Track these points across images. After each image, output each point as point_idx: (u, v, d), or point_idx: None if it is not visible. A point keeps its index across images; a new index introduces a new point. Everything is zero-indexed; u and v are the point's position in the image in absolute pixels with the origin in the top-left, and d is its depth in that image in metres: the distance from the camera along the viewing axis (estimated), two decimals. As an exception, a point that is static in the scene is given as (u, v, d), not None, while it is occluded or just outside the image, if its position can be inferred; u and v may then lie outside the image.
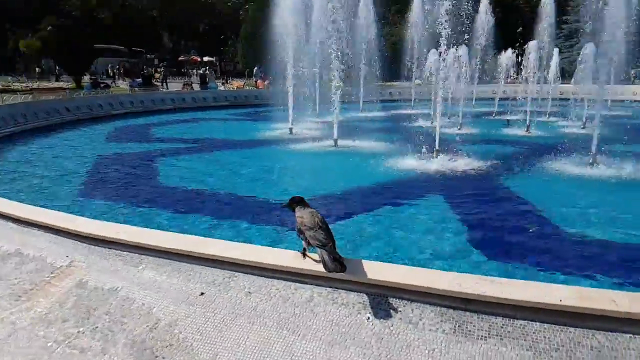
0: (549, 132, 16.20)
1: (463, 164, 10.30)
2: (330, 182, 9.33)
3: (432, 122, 17.99)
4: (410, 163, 10.55)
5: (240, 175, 10.05)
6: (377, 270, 3.21)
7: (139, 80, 35.50)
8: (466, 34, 12.29)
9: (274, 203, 7.62)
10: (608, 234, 6.13)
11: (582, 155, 10.35)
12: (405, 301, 3.08)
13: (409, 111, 24.42)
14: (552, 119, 19.34)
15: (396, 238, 5.97)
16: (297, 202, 3.55)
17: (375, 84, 28.18)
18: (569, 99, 22.63)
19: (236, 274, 3.55)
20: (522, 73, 22.03)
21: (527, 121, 16.17)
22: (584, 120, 16.78)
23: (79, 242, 4.16)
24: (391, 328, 2.93)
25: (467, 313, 2.95)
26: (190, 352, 2.97)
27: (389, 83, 34.33)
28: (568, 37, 40.06)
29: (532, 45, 20.44)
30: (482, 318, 2.91)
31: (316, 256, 3.44)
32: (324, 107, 20.94)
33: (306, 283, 3.36)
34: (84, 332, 3.24)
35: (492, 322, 2.87)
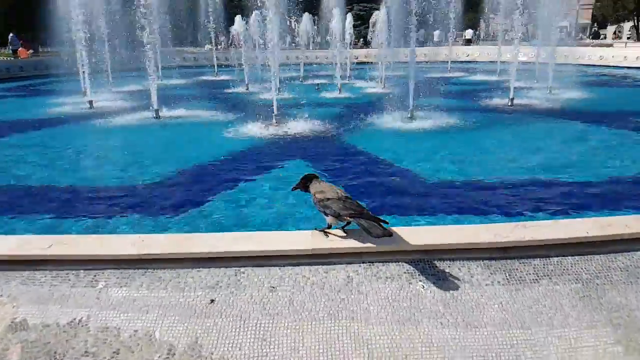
0: (357, 93, 17.52)
1: (303, 126, 10.44)
2: (171, 160, 8.19)
3: (247, 88, 18.24)
4: (252, 130, 10.22)
5: (54, 163, 8.10)
6: (409, 235, 3.01)
7: None
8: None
9: (114, 191, 6.53)
10: (455, 174, 6.92)
11: (400, 111, 11.45)
12: (448, 261, 2.97)
13: (215, 77, 23.87)
14: (353, 81, 20.86)
15: (271, 209, 5.56)
16: (311, 179, 3.11)
17: (170, 48, 26.61)
18: (363, 63, 25.25)
19: (242, 269, 2.94)
20: (330, 39, 23.40)
21: (338, 84, 17.26)
22: (382, 81, 18.47)
23: (-17, 270, 2.92)
24: (451, 292, 2.78)
25: (509, 261, 2.98)
26: (243, 372, 2.35)
27: (179, 48, 32.51)
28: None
29: (334, 12, 21.79)
30: (523, 262, 2.98)
31: (339, 232, 3.07)
32: (117, 75, 19.00)
33: (334, 263, 2.96)
34: (68, 388, 2.29)
35: (534, 265, 2.96)
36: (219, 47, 28.56)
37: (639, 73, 21.54)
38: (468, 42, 38.30)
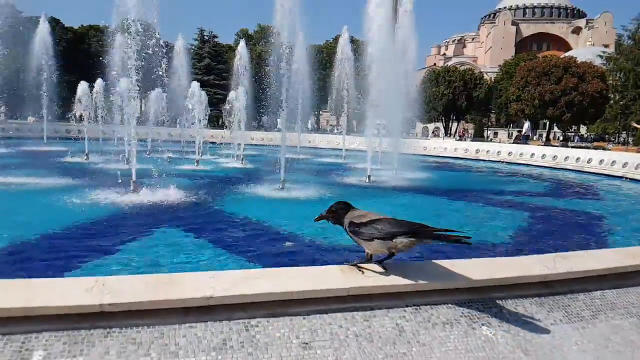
0: (216, 167, 17.69)
1: (170, 195, 9.60)
2: (18, 230, 6.43)
3: (87, 158, 17.71)
4: (113, 198, 9.00)
5: None
6: (451, 270, 2.48)
7: None
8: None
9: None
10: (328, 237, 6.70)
11: (269, 183, 11.50)
12: (501, 300, 2.48)
13: (45, 148, 22.83)
14: (208, 157, 21.06)
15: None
16: (344, 208, 2.47)
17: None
18: (214, 143, 27.00)
19: (253, 321, 2.08)
20: (180, 117, 23.84)
21: (196, 158, 17.62)
22: (241, 158, 19.03)
23: None
24: (522, 335, 2.29)
25: (557, 297, 2.61)
26: None
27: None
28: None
29: (194, 85, 22.15)
30: (571, 298, 2.64)
31: (376, 267, 2.42)
32: None
33: (373, 308, 2.27)
34: None
35: (582, 300, 2.64)
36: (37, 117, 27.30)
37: (456, 160, 25.82)
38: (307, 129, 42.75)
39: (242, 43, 29.65)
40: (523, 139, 31.97)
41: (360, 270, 2.37)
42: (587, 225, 8.69)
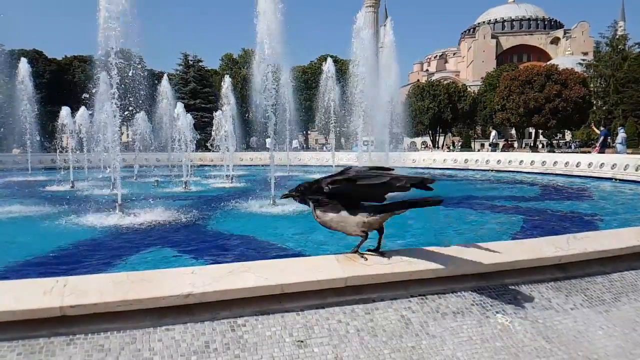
0: (206, 187, 17.55)
1: (158, 216, 9.39)
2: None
3: (72, 186, 17.21)
4: (97, 222, 8.71)
5: None
6: (456, 257, 2.25)
7: None
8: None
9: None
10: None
11: (259, 199, 11.33)
12: (514, 286, 2.26)
13: (30, 178, 22.34)
14: (196, 179, 20.91)
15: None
16: (310, 186, 2.28)
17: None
18: (203, 166, 26.91)
19: (239, 320, 1.83)
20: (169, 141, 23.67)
21: (184, 180, 17.49)
22: (230, 177, 19.06)
23: None
24: (541, 322, 2.06)
25: (574, 280, 2.39)
26: None
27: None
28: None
29: (179, 107, 22.11)
30: (589, 281, 2.42)
31: (375, 255, 2.19)
32: None
33: (375, 300, 2.04)
34: None
35: (601, 282, 2.42)
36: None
37: (446, 171, 25.91)
38: (295, 148, 43.04)
39: (227, 78, 29.65)
40: (492, 148, 32.19)
41: (362, 257, 2.14)
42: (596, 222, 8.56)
